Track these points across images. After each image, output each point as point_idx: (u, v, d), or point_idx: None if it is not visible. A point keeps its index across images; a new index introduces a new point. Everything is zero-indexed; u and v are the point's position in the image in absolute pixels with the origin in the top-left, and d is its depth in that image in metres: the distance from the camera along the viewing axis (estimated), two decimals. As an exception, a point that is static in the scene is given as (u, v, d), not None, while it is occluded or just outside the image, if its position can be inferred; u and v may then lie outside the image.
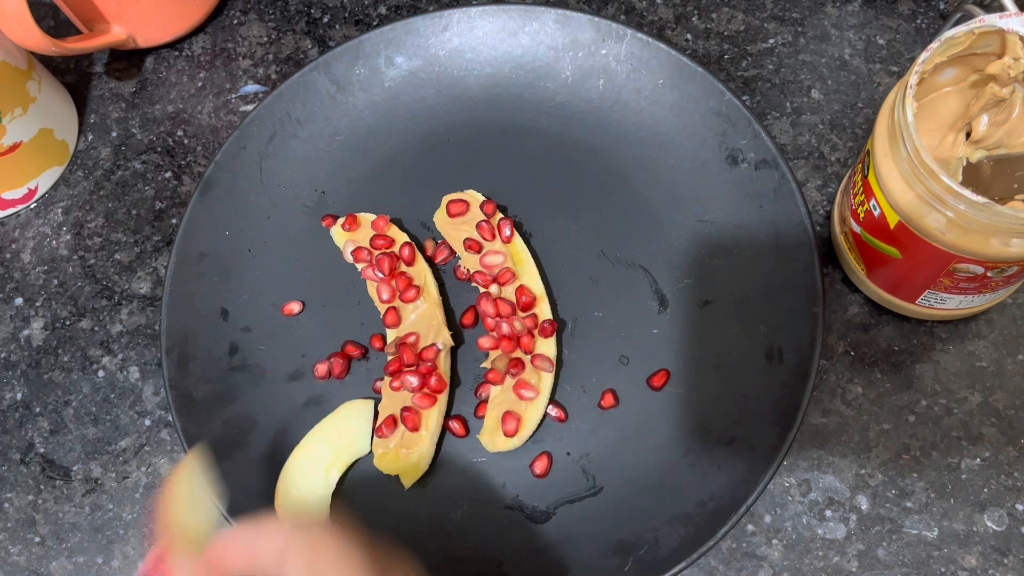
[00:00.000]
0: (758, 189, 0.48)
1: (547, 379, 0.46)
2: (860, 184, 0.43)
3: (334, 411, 0.47)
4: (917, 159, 0.37)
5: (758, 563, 0.44)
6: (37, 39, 0.49)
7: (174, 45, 0.59)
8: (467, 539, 0.44)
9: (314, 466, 0.45)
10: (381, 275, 0.48)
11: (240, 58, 0.58)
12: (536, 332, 0.47)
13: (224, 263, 0.50)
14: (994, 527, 0.44)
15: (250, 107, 0.57)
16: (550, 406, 0.46)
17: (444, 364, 0.47)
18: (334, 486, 0.45)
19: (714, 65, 0.55)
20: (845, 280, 0.49)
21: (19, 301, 0.53)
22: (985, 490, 0.45)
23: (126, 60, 0.59)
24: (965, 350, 0.47)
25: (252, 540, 0.32)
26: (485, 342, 0.47)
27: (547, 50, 0.52)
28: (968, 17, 0.47)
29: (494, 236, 0.48)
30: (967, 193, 0.36)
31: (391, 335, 0.48)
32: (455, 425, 0.46)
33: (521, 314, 0.47)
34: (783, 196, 0.47)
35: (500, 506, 0.45)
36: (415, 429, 0.45)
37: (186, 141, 0.56)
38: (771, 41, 0.55)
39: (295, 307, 0.49)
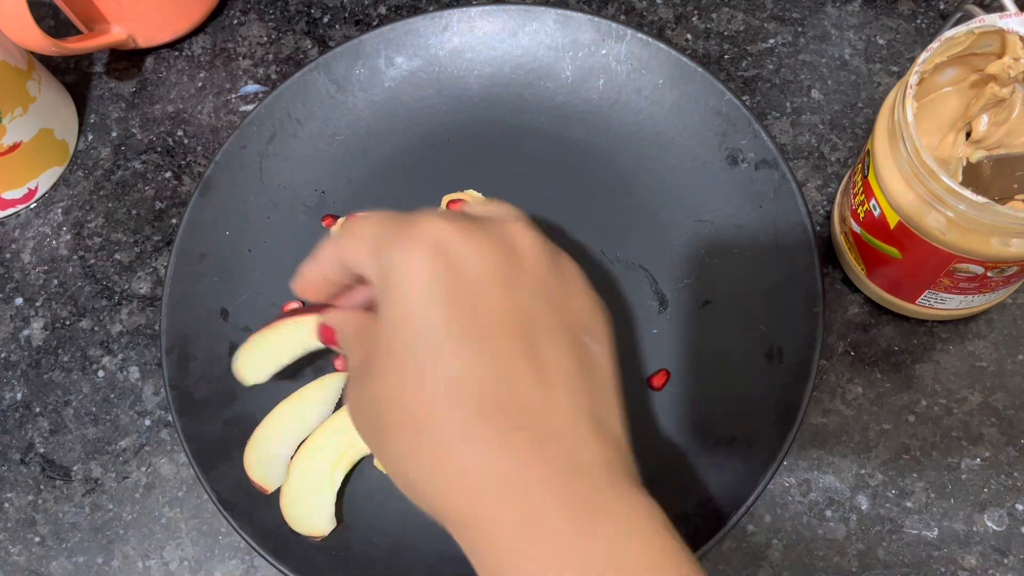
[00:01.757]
0: (758, 189, 0.48)
1: (547, 379, 0.46)
2: (860, 184, 0.43)
3: (340, 409, 0.47)
4: (917, 159, 0.37)
5: (758, 563, 0.44)
6: (37, 39, 0.49)
7: (174, 45, 0.59)
8: (467, 539, 0.44)
9: (320, 464, 0.45)
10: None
11: (240, 58, 0.58)
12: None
13: (224, 263, 0.50)
14: (994, 527, 0.44)
15: (250, 107, 0.57)
16: (550, 406, 0.46)
17: (444, 364, 0.47)
18: (339, 485, 0.45)
19: (714, 65, 0.55)
20: (845, 280, 0.49)
21: (19, 301, 0.53)
22: (985, 490, 0.45)
23: (126, 60, 0.59)
24: (965, 350, 0.47)
25: None
26: (485, 342, 0.47)
27: (547, 50, 0.52)
28: (968, 17, 0.47)
29: (494, 236, 0.48)
30: (967, 193, 0.36)
31: (391, 335, 0.48)
32: (455, 425, 0.46)
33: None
34: (783, 196, 0.47)
35: (500, 506, 0.45)
36: (415, 429, 0.45)
37: (186, 141, 0.56)
38: (771, 41, 0.55)
39: (295, 307, 0.49)
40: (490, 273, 0.31)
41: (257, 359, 0.45)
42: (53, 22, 0.60)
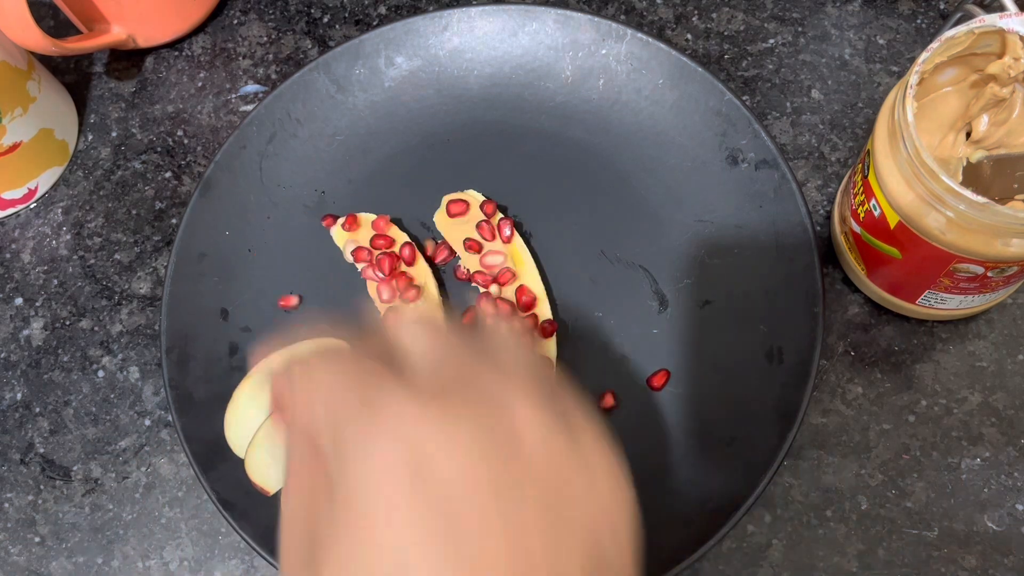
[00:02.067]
0: (758, 189, 0.48)
1: (547, 379, 0.46)
2: (860, 184, 0.43)
3: None
4: (917, 159, 0.37)
5: (758, 563, 0.44)
6: (37, 39, 0.49)
7: (174, 45, 0.59)
8: (467, 539, 0.44)
9: None
10: (381, 275, 0.48)
11: (240, 58, 0.58)
12: (536, 332, 0.47)
13: (224, 263, 0.50)
14: (994, 527, 0.44)
15: (250, 107, 0.57)
16: (550, 406, 0.46)
17: (444, 364, 0.47)
18: None
19: (714, 65, 0.55)
20: (845, 280, 0.49)
21: (19, 301, 0.53)
22: (985, 490, 0.45)
23: (126, 60, 0.59)
24: (965, 350, 0.47)
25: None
26: (485, 342, 0.47)
27: (547, 50, 0.52)
28: (968, 17, 0.47)
29: (494, 236, 0.48)
30: (967, 193, 0.36)
31: (391, 335, 0.48)
32: (455, 425, 0.46)
33: (521, 314, 0.47)
34: (783, 196, 0.47)
35: (500, 506, 0.45)
36: (415, 429, 0.45)
37: (186, 141, 0.56)
38: (771, 41, 0.55)
39: (293, 300, 0.49)
40: (474, 476, 0.24)
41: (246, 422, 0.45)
42: (53, 22, 0.60)
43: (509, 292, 0.47)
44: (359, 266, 0.49)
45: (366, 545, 0.24)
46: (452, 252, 0.50)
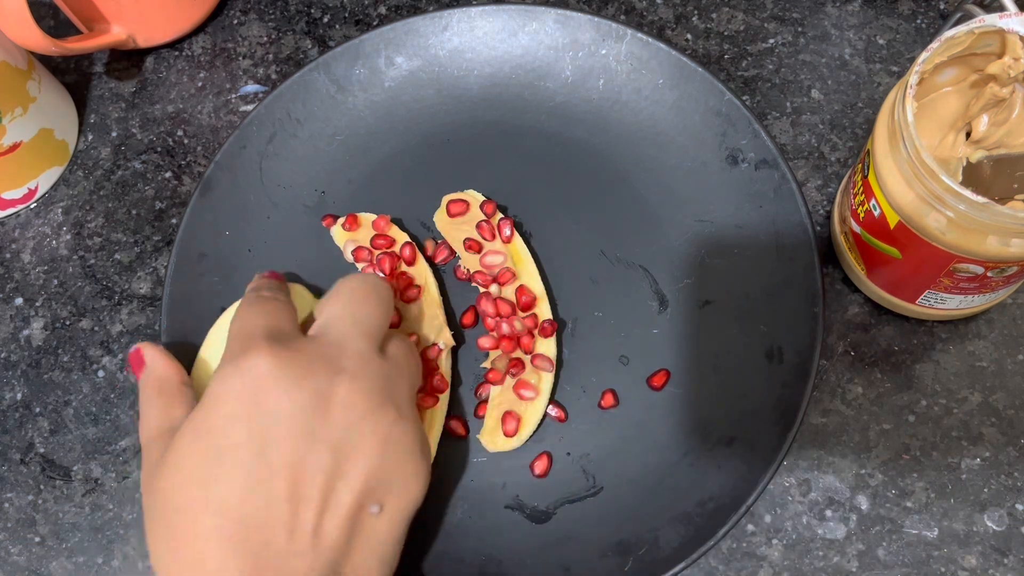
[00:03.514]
0: (758, 189, 0.48)
1: (547, 379, 0.46)
2: (860, 184, 0.43)
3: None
4: (917, 159, 0.37)
5: (758, 563, 0.45)
6: (37, 39, 0.49)
7: (174, 45, 0.59)
8: (467, 539, 0.44)
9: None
10: (382, 275, 0.48)
11: (240, 58, 0.58)
12: (536, 332, 0.47)
13: (224, 263, 0.50)
14: (994, 527, 0.44)
15: (250, 107, 0.57)
16: (550, 406, 0.46)
17: (445, 364, 0.47)
18: None
19: (714, 65, 0.55)
20: (845, 280, 0.49)
21: (19, 301, 0.53)
22: (985, 490, 0.45)
23: (126, 60, 0.59)
24: (965, 350, 0.47)
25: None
26: (485, 342, 0.47)
27: (547, 50, 0.52)
28: (968, 17, 0.47)
29: (494, 236, 0.48)
30: (967, 193, 0.36)
31: (391, 335, 0.48)
32: (455, 425, 0.46)
33: (521, 314, 0.47)
34: (783, 196, 0.47)
35: (500, 506, 0.45)
36: (415, 429, 0.45)
37: (186, 141, 0.56)
38: (771, 41, 0.55)
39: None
40: (289, 420, 0.35)
41: None
42: (53, 22, 0.60)
43: (509, 292, 0.47)
44: (359, 266, 0.49)
45: (202, 435, 0.35)
46: (452, 252, 0.50)
